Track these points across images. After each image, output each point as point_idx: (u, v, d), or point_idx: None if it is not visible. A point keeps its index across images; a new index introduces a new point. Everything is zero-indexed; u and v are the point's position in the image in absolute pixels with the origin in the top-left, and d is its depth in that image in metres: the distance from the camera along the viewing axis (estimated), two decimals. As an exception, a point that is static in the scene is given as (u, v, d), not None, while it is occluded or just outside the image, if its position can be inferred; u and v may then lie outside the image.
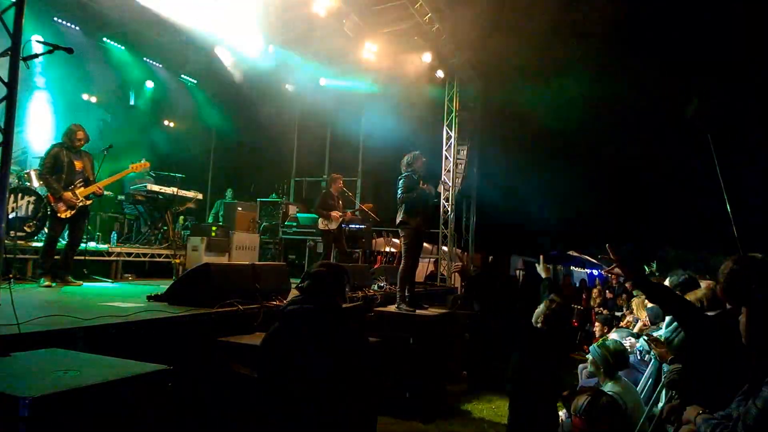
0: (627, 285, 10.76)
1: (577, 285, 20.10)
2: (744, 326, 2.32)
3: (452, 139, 13.31)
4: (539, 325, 4.02)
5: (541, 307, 4.08)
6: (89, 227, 8.60)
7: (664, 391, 3.82)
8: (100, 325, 3.77)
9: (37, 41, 4.08)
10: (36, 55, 3.97)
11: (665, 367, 3.97)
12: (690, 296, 4.03)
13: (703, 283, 4.32)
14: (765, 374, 2.15)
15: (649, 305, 6.80)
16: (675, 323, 3.90)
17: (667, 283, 4.59)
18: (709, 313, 3.25)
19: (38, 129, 9.89)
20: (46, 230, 7.28)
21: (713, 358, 2.71)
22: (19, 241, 6.93)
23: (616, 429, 2.78)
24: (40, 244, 7.08)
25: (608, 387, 3.96)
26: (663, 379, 3.80)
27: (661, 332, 4.41)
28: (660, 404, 3.85)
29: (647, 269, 9.01)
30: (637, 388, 4.51)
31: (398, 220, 7.13)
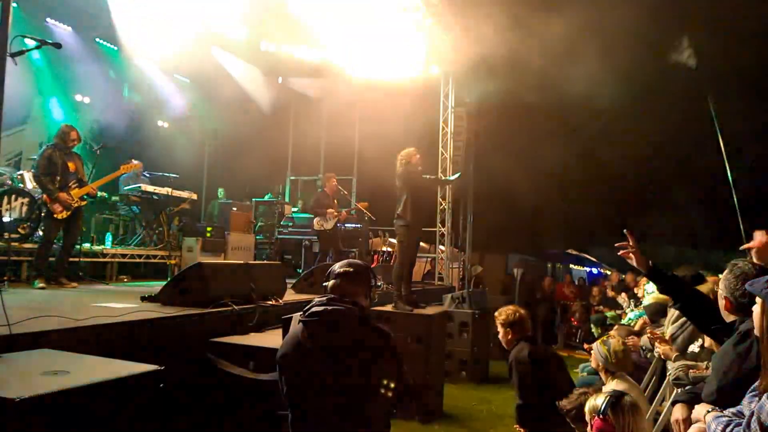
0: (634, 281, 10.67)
1: (576, 283, 20.04)
2: (758, 317, 2.24)
3: (448, 136, 13.23)
4: None
5: None
6: (84, 229, 8.52)
7: (668, 389, 3.77)
8: (91, 326, 3.71)
9: (24, 36, 3.98)
10: (23, 51, 3.88)
11: (669, 365, 3.91)
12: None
13: (710, 279, 4.27)
14: None
15: (646, 302, 6.77)
16: (679, 320, 3.85)
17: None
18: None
19: (31, 131, 9.81)
20: (40, 232, 7.23)
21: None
22: (13, 243, 6.86)
23: (639, 428, 2.70)
24: (34, 246, 7.03)
25: (612, 385, 3.89)
26: (667, 377, 3.73)
27: (664, 329, 4.36)
28: (664, 402, 3.79)
29: None
30: (640, 386, 4.45)
31: (395, 215, 7.08)
